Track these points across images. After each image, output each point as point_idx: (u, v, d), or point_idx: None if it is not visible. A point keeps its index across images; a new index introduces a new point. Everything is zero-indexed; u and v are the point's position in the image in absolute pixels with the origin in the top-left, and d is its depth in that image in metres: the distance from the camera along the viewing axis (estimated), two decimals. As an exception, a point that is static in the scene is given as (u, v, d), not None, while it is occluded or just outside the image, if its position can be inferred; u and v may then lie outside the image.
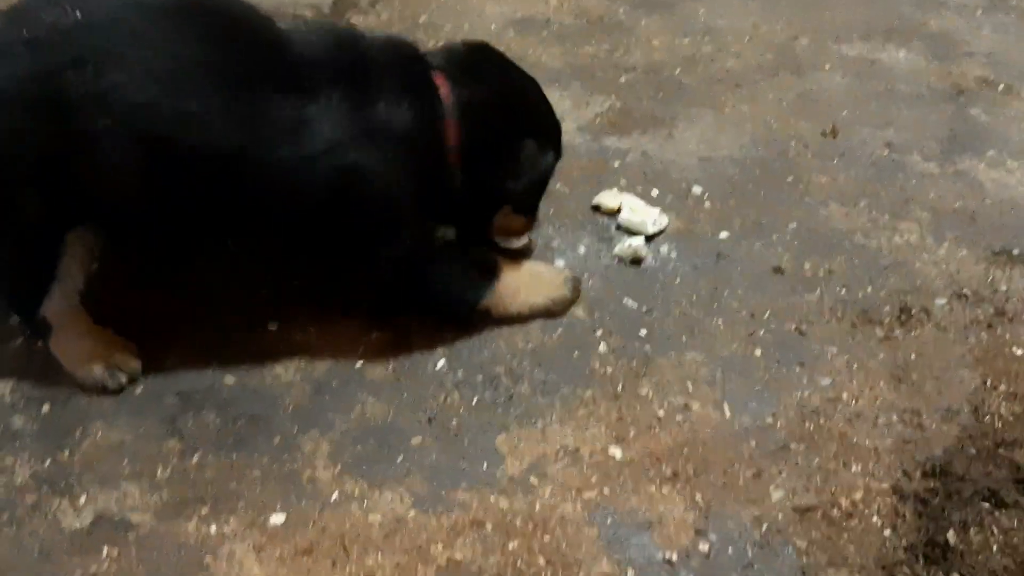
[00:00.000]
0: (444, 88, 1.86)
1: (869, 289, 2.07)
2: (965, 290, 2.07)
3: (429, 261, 1.92)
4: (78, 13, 1.61)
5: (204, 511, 1.64)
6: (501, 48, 2.73)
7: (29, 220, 1.71)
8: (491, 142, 1.89)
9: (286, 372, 1.87)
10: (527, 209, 2.05)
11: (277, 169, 1.70)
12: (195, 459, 1.71)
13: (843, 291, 2.07)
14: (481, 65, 1.96)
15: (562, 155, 2.07)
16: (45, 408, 1.79)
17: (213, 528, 1.62)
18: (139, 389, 1.82)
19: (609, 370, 1.89)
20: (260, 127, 1.68)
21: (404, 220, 1.84)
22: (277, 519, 1.63)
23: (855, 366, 1.91)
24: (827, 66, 2.79)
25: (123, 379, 1.83)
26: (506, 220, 2.04)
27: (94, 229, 1.78)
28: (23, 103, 1.60)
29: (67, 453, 1.72)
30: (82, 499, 1.65)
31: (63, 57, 1.59)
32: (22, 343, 1.88)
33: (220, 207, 1.76)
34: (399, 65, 1.84)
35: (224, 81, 1.67)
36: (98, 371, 1.81)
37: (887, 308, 2.03)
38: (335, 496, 1.67)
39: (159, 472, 1.69)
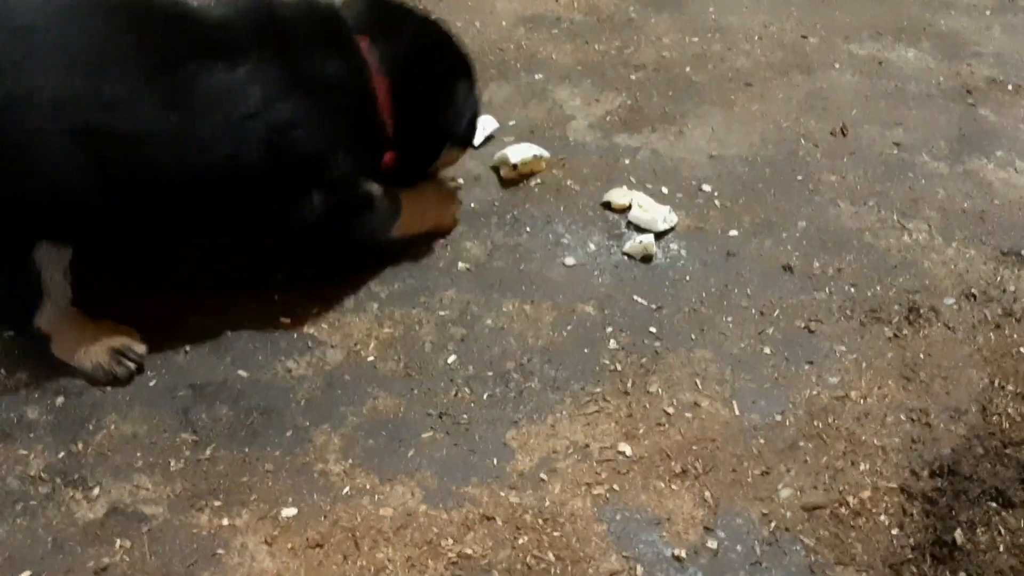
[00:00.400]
0: (365, 45, 1.91)
1: (878, 288, 2.08)
2: (973, 290, 2.08)
3: (357, 211, 1.96)
4: None
5: (216, 503, 1.65)
6: (511, 46, 2.78)
7: None
8: (425, 91, 1.98)
9: (298, 366, 1.88)
10: (464, 142, 2.19)
11: (214, 137, 1.70)
12: (208, 452, 1.73)
13: (852, 290, 2.07)
14: (389, 19, 2.01)
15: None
16: (59, 400, 1.80)
17: (225, 520, 1.63)
18: (152, 382, 1.83)
19: (619, 367, 1.90)
20: (190, 99, 1.68)
21: (339, 174, 1.87)
22: (289, 512, 1.64)
23: (864, 365, 1.92)
24: (837, 65, 2.79)
25: (131, 365, 1.83)
26: (446, 156, 2.16)
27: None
28: None
29: (81, 445, 1.73)
30: (96, 491, 1.66)
31: None
32: (36, 335, 1.89)
33: (166, 191, 1.73)
34: (320, 25, 1.89)
35: (146, 62, 1.67)
36: (104, 360, 1.81)
37: (896, 307, 2.03)
38: (346, 490, 1.68)
39: (172, 464, 1.70)
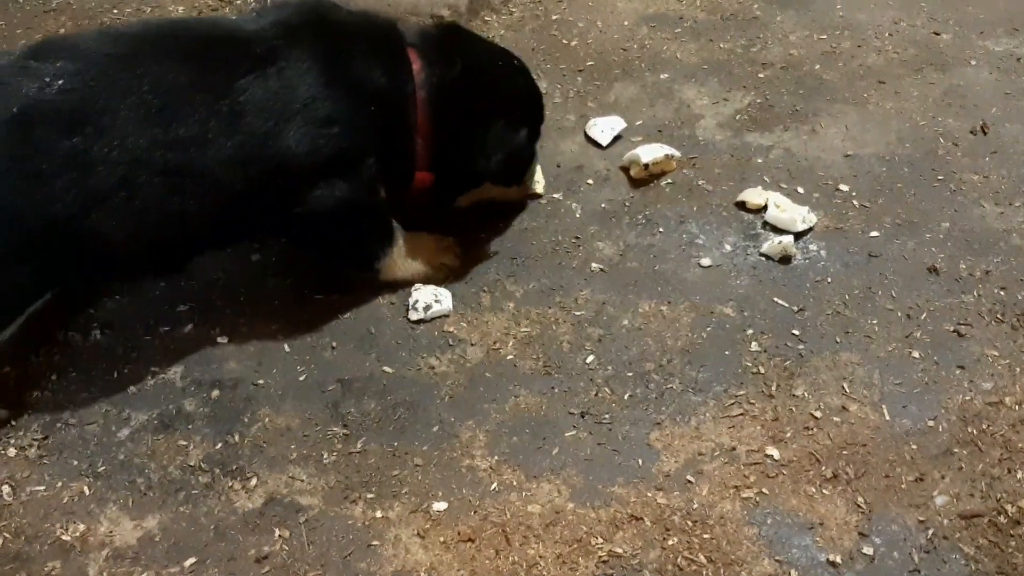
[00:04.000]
0: (416, 64, 1.92)
1: (1029, 291, 2.02)
2: None
3: (363, 215, 1.95)
4: (54, 81, 1.65)
5: (369, 496, 1.69)
6: (634, 46, 2.77)
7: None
8: (458, 123, 1.96)
9: (440, 363, 1.91)
10: (510, 183, 2.14)
11: (265, 137, 1.75)
12: (359, 445, 1.77)
13: (1002, 292, 2.01)
14: (452, 45, 2.00)
15: (543, 120, 2.17)
16: (215, 393, 1.86)
17: (379, 512, 1.66)
18: (302, 376, 1.88)
19: (762, 369, 1.87)
20: (243, 110, 1.74)
21: (363, 174, 1.88)
22: (439, 506, 1.67)
23: (1018, 370, 1.86)
24: (973, 62, 2.70)
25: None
26: (499, 192, 2.14)
27: None
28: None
29: (237, 436, 1.79)
30: (253, 481, 1.72)
31: (55, 128, 1.64)
32: (191, 329, 1.96)
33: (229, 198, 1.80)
34: (373, 34, 1.91)
35: (204, 92, 1.73)
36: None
37: (1050, 311, 1.97)
38: (494, 485, 1.70)
39: (325, 456, 1.75)
